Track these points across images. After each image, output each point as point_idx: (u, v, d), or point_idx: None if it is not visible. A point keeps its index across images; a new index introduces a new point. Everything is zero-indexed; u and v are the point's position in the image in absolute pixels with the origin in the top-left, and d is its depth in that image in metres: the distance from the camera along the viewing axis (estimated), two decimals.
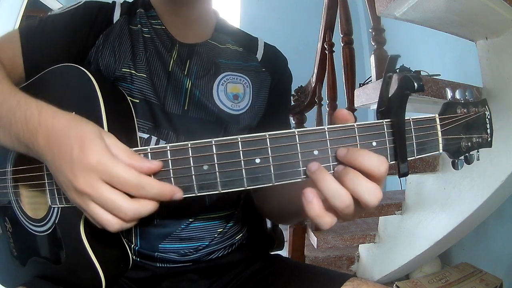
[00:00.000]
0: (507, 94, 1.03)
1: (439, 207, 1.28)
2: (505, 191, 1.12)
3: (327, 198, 0.35)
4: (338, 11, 1.56)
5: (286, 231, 1.53)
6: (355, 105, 1.42)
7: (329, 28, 1.70)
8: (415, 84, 0.35)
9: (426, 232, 1.33)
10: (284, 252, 1.45)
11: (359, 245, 1.67)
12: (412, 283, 1.43)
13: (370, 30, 1.46)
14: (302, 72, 1.94)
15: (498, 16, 0.97)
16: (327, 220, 0.36)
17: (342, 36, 1.51)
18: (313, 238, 1.53)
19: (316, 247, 1.51)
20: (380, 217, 1.51)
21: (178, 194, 0.37)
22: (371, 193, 0.34)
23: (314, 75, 1.83)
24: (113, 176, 0.35)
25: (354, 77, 1.49)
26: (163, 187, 0.36)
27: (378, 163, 0.34)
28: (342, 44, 1.51)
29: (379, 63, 1.25)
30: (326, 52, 1.69)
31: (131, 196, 0.36)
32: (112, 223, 0.36)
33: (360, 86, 1.48)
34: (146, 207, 0.36)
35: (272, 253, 0.72)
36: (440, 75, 1.17)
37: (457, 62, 2.01)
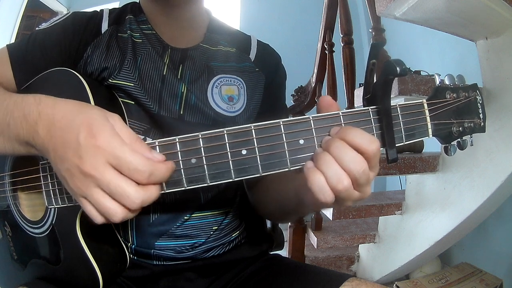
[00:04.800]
0: (507, 94, 1.03)
1: (439, 207, 1.28)
2: (505, 191, 1.12)
3: (325, 177, 0.35)
4: (338, 11, 1.56)
5: (286, 231, 1.53)
6: (355, 105, 1.42)
7: (329, 28, 1.70)
8: (398, 68, 0.36)
9: (426, 232, 1.33)
10: (284, 252, 1.45)
11: (359, 245, 1.67)
12: (412, 283, 1.43)
13: (370, 30, 1.46)
14: (302, 72, 1.95)
15: (498, 16, 0.97)
16: (328, 190, 0.35)
17: (342, 36, 1.51)
18: (313, 238, 1.53)
19: (316, 247, 1.51)
20: (380, 217, 1.51)
21: (174, 166, 0.37)
22: (356, 163, 0.34)
23: (314, 75, 1.82)
24: (121, 160, 0.34)
25: (354, 77, 1.49)
26: (168, 167, 0.36)
27: (368, 141, 0.34)
28: (342, 44, 1.51)
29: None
30: (326, 52, 1.69)
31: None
32: (117, 211, 0.35)
33: (360, 86, 1.48)
34: (152, 194, 0.36)
35: (271, 253, 0.72)
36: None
37: (457, 62, 2.01)
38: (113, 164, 0.34)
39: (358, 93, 1.39)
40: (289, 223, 1.65)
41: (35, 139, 0.39)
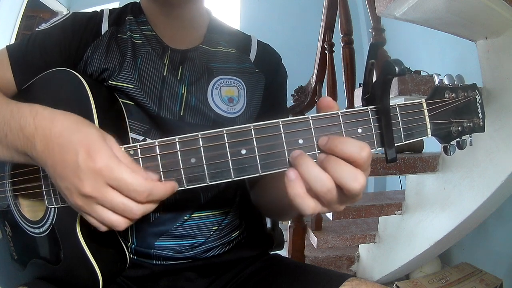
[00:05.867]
0: (507, 94, 1.03)
1: (439, 207, 1.28)
2: (505, 191, 1.12)
3: (308, 183, 0.35)
4: (338, 11, 1.56)
5: (286, 231, 1.53)
6: (355, 105, 1.42)
7: (329, 28, 1.70)
8: (396, 68, 0.36)
9: (426, 232, 1.33)
10: (284, 252, 1.45)
11: (359, 245, 1.67)
12: (412, 283, 1.43)
13: (370, 30, 1.46)
14: (302, 72, 1.95)
15: (498, 16, 0.97)
16: (308, 203, 0.36)
17: (342, 36, 1.51)
18: (313, 238, 1.53)
19: (316, 247, 1.51)
20: (380, 217, 1.51)
21: (176, 187, 0.38)
22: (353, 178, 0.34)
23: (314, 75, 1.83)
24: (120, 182, 0.35)
25: (354, 77, 1.49)
26: (166, 188, 0.37)
27: (358, 148, 0.34)
28: (342, 44, 1.51)
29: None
30: (326, 52, 1.69)
31: None
32: (120, 222, 0.37)
33: (360, 86, 1.48)
34: (154, 205, 0.38)
35: (271, 253, 0.72)
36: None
37: (457, 62, 2.01)
38: (113, 186, 0.35)
39: (358, 93, 1.39)
40: (289, 223, 1.65)
41: (33, 152, 0.39)
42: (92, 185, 0.35)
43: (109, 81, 0.56)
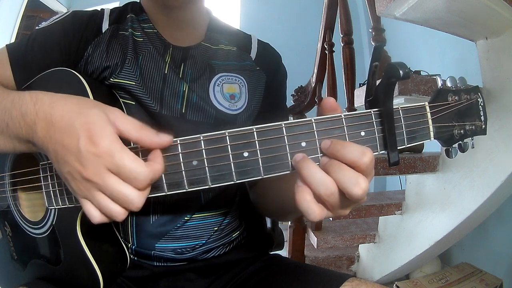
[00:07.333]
0: (507, 94, 1.03)
1: (439, 207, 1.28)
2: (505, 191, 1.12)
3: (311, 186, 0.35)
4: (338, 11, 1.56)
5: (286, 231, 1.53)
6: (355, 105, 1.42)
7: (329, 28, 1.70)
8: (400, 71, 0.35)
9: (426, 232, 1.33)
10: (284, 252, 1.45)
11: (359, 245, 1.67)
12: (412, 283, 1.43)
13: (370, 30, 1.46)
14: (302, 72, 1.95)
15: (498, 16, 0.97)
16: (314, 208, 0.36)
17: (342, 36, 1.51)
18: (313, 238, 1.53)
19: (316, 247, 1.51)
20: (380, 217, 1.52)
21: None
22: (354, 183, 0.34)
23: (314, 75, 1.82)
24: (120, 168, 0.34)
25: (354, 77, 1.49)
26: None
27: (360, 153, 0.34)
28: (342, 44, 1.51)
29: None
30: (326, 52, 1.68)
31: None
32: (120, 213, 0.36)
33: (360, 86, 1.48)
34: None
35: (271, 253, 0.72)
36: (440, 75, 1.17)
37: (457, 62, 2.01)
38: (113, 171, 0.34)
39: (358, 93, 1.39)
40: (289, 223, 1.65)
41: (34, 139, 0.39)
42: (93, 170, 0.34)
43: (111, 79, 0.56)
